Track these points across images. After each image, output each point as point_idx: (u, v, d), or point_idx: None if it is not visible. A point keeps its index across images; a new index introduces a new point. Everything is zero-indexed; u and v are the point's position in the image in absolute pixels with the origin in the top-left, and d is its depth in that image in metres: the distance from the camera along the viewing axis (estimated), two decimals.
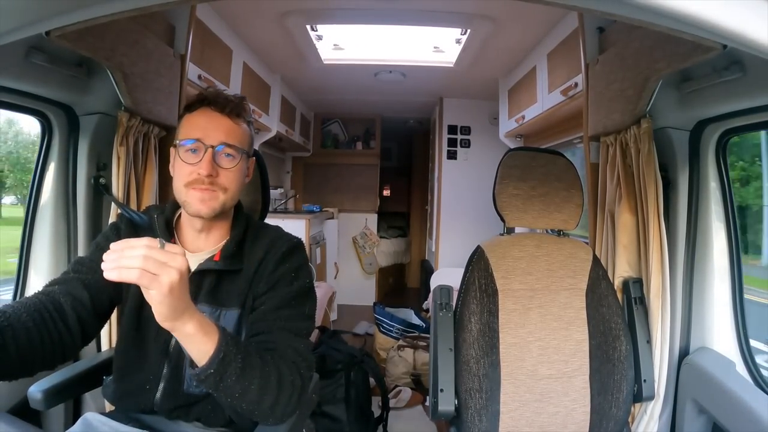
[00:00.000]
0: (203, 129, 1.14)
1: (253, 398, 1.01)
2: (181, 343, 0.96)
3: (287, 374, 1.06)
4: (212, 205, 1.14)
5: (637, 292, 1.67)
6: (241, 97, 1.20)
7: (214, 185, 1.13)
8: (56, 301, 1.09)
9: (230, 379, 0.98)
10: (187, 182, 1.14)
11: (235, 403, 1.02)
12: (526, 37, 2.95)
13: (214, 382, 0.97)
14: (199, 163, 1.12)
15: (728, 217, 1.62)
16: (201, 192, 1.13)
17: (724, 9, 0.69)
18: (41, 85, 1.46)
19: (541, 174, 1.61)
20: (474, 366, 1.47)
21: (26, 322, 1.01)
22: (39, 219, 1.63)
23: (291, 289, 1.18)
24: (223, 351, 0.96)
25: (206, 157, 1.12)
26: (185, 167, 1.14)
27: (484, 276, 1.54)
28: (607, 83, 1.79)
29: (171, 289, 0.85)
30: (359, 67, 3.72)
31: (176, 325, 0.91)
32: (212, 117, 1.15)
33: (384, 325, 3.98)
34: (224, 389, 0.99)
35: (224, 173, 1.14)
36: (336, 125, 5.96)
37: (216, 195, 1.14)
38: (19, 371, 1.00)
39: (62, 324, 1.07)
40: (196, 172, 1.12)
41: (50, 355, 1.05)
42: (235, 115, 1.17)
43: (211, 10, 2.53)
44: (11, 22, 0.80)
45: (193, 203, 1.14)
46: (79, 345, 1.12)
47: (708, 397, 1.52)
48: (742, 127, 1.53)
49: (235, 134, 1.16)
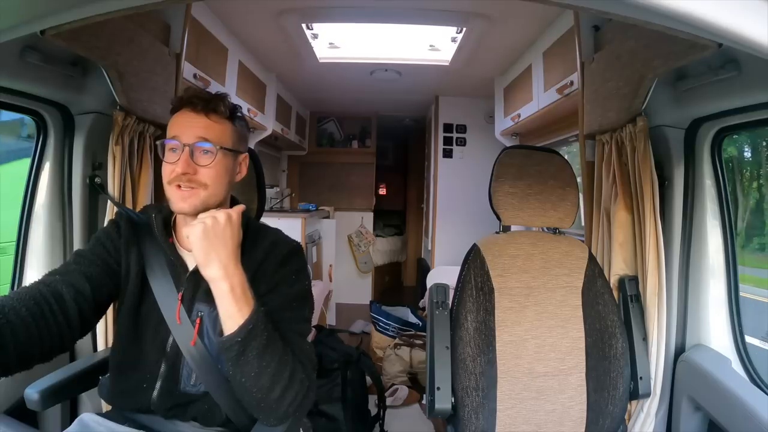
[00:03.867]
0: (180, 127, 1.16)
1: (264, 383, 1.04)
2: (216, 303, 1.06)
3: (300, 371, 1.09)
4: (193, 203, 1.15)
5: (633, 290, 1.68)
6: (221, 95, 1.21)
7: (192, 182, 1.14)
8: (57, 292, 1.09)
9: (251, 354, 1.03)
10: (168, 180, 1.16)
11: (247, 385, 1.05)
12: (522, 36, 2.96)
13: (237, 353, 1.03)
14: (177, 161, 1.14)
15: (723, 215, 1.63)
16: (181, 192, 1.15)
17: (720, 7, 0.69)
18: (36, 85, 1.45)
19: (537, 172, 1.61)
20: (470, 364, 1.48)
21: (25, 318, 1.01)
22: (34, 219, 1.62)
23: (292, 291, 1.19)
24: (253, 323, 1.03)
25: (183, 156, 1.13)
26: (167, 166, 1.16)
27: (480, 274, 1.54)
28: (603, 81, 1.79)
29: (205, 231, 1.05)
30: (355, 65, 3.71)
31: (209, 274, 1.06)
32: (188, 116, 1.16)
33: (380, 323, 3.99)
34: (244, 364, 1.04)
35: (202, 170, 1.15)
36: (332, 124, 5.95)
37: (196, 192, 1.15)
38: (18, 367, 1.01)
39: (62, 316, 1.07)
40: (175, 171, 1.14)
41: (48, 349, 1.06)
42: (212, 111, 1.17)
43: (206, 9, 2.52)
44: (6, 21, 0.80)
45: (175, 201, 1.16)
46: (76, 337, 1.13)
47: (704, 394, 1.53)
48: (737, 125, 1.53)
49: (212, 131, 1.17)
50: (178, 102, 1.19)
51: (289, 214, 4.41)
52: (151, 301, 1.19)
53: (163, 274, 1.18)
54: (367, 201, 5.95)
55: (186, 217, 1.22)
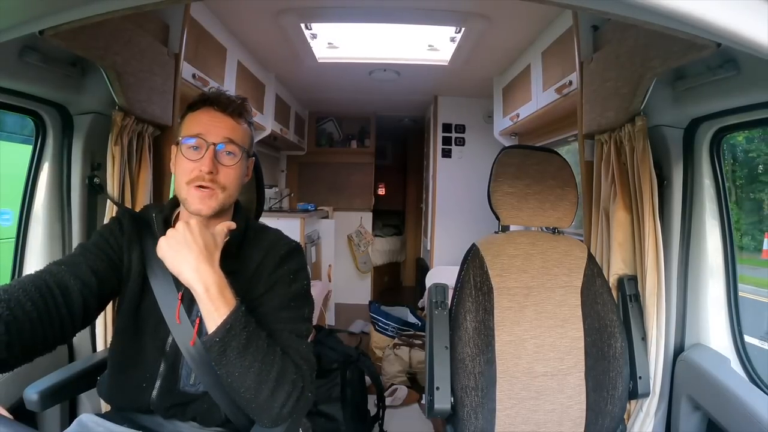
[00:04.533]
0: (205, 127, 1.16)
1: (250, 384, 1.03)
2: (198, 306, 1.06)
3: (290, 372, 1.07)
4: (211, 204, 1.16)
5: (632, 290, 1.68)
6: (243, 98, 1.23)
7: (214, 183, 1.15)
8: (63, 283, 1.09)
9: (232, 353, 1.02)
10: (189, 179, 1.15)
11: (234, 385, 1.04)
12: (521, 36, 2.96)
13: (218, 353, 1.02)
14: (200, 159, 1.14)
15: (722, 214, 1.63)
16: (201, 192, 1.15)
17: (719, 7, 0.69)
18: (35, 85, 1.45)
19: (536, 172, 1.61)
20: (470, 364, 1.48)
21: (30, 312, 1.00)
22: (33, 219, 1.62)
23: (290, 290, 1.19)
24: (230, 322, 1.02)
25: (208, 154, 1.14)
26: (187, 164, 1.16)
27: (479, 274, 1.54)
28: (602, 81, 1.79)
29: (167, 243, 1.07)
30: (354, 65, 3.71)
31: (184, 279, 1.05)
32: (214, 116, 1.18)
33: (379, 323, 3.99)
34: (226, 364, 1.03)
35: (224, 171, 1.16)
36: (330, 124, 5.95)
37: (215, 194, 1.16)
38: (22, 361, 1.01)
39: (66, 309, 1.07)
40: (198, 169, 1.14)
41: (51, 342, 1.06)
42: (237, 114, 1.20)
43: (205, 9, 2.52)
44: (5, 21, 0.80)
45: (193, 202, 1.16)
46: (77, 330, 1.13)
47: (703, 393, 1.53)
48: (736, 125, 1.54)
49: (237, 133, 1.19)
50: (202, 100, 1.20)
51: (288, 214, 4.41)
52: (151, 301, 1.19)
53: (163, 273, 1.17)
54: (366, 201, 5.95)
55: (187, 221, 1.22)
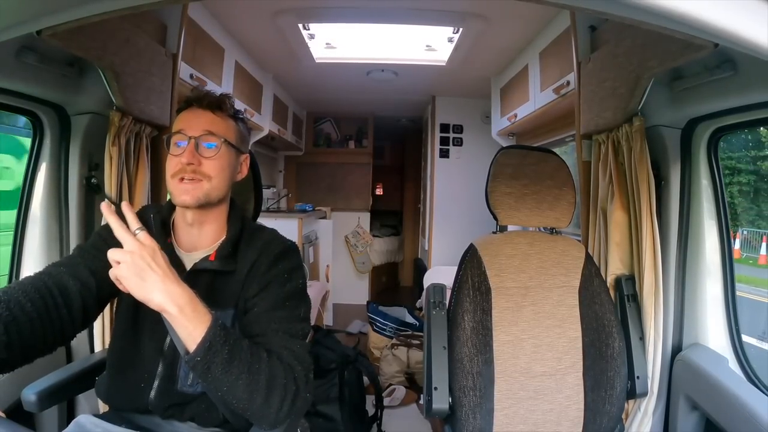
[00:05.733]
0: (187, 122, 1.20)
1: (241, 395, 1.02)
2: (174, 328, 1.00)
3: (280, 377, 1.06)
4: (196, 194, 1.17)
5: (630, 290, 1.68)
6: (224, 93, 1.26)
7: (197, 173, 1.17)
8: (62, 285, 1.10)
9: (217, 370, 1.00)
10: (173, 173, 1.18)
11: (226, 398, 1.04)
12: (519, 36, 2.96)
13: (202, 371, 1.00)
14: (182, 153, 1.17)
15: (720, 214, 1.64)
16: (185, 184, 1.17)
17: (716, 7, 0.69)
18: (32, 85, 1.45)
19: (534, 172, 1.61)
20: (468, 364, 1.48)
21: (30, 313, 1.02)
22: (31, 220, 1.62)
23: (284, 290, 1.18)
24: (209, 340, 0.99)
25: (188, 147, 1.17)
26: (172, 159, 1.19)
27: (477, 274, 1.54)
28: (599, 81, 1.80)
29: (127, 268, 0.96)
30: (351, 65, 3.71)
31: (156, 304, 0.97)
32: (195, 112, 1.21)
33: (377, 323, 3.98)
34: (212, 381, 1.01)
35: (206, 162, 1.18)
36: (328, 124, 5.94)
37: (200, 184, 1.17)
38: (22, 362, 1.03)
39: (65, 310, 1.09)
40: (180, 162, 1.16)
41: (51, 343, 1.07)
42: (216, 107, 1.22)
43: (203, 9, 2.52)
44: (2, 21, 0.80)
45: (178, 194, 1.18)
46: (77, 330, 1.14)
47: (701, 392, 1.53)
48: (733, 125, 1.54)
49: (216, 125, 1.21)
50: (186, 101, 1.24)
51: (286, 214, 4.41)
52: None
53: None
54: (364, 201, 5.94)
55: (185, 217, 1.23)
